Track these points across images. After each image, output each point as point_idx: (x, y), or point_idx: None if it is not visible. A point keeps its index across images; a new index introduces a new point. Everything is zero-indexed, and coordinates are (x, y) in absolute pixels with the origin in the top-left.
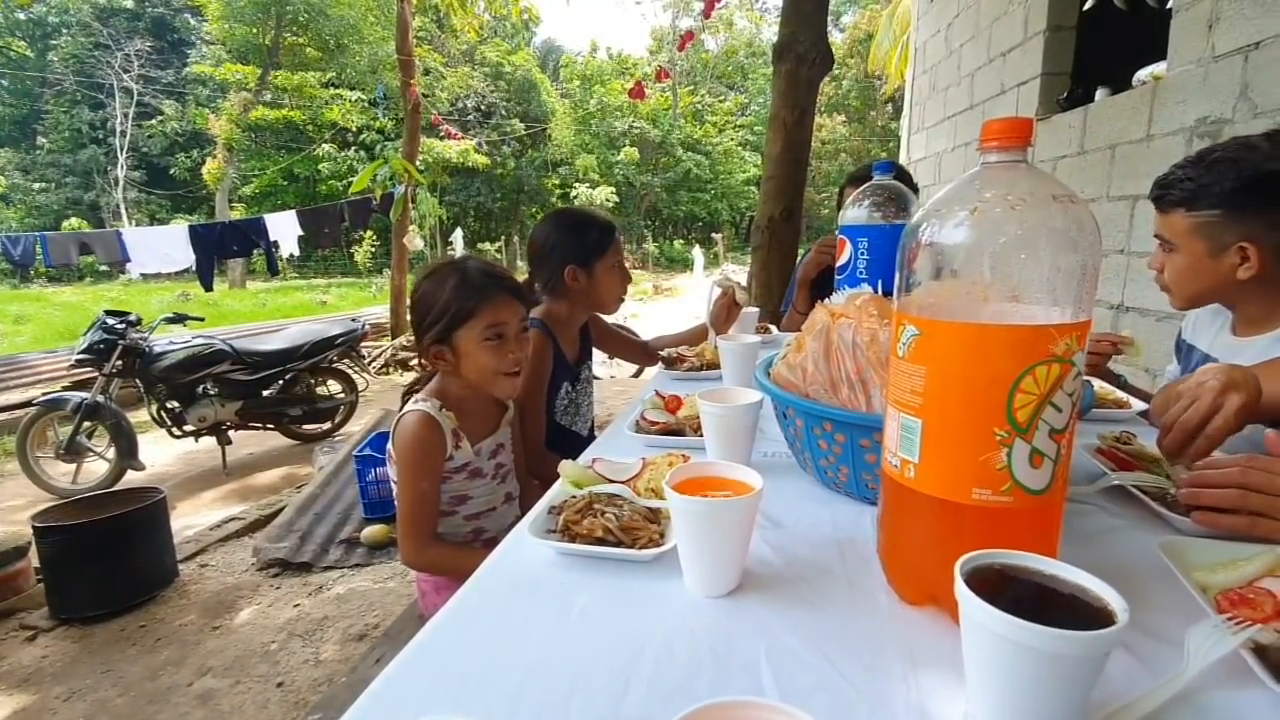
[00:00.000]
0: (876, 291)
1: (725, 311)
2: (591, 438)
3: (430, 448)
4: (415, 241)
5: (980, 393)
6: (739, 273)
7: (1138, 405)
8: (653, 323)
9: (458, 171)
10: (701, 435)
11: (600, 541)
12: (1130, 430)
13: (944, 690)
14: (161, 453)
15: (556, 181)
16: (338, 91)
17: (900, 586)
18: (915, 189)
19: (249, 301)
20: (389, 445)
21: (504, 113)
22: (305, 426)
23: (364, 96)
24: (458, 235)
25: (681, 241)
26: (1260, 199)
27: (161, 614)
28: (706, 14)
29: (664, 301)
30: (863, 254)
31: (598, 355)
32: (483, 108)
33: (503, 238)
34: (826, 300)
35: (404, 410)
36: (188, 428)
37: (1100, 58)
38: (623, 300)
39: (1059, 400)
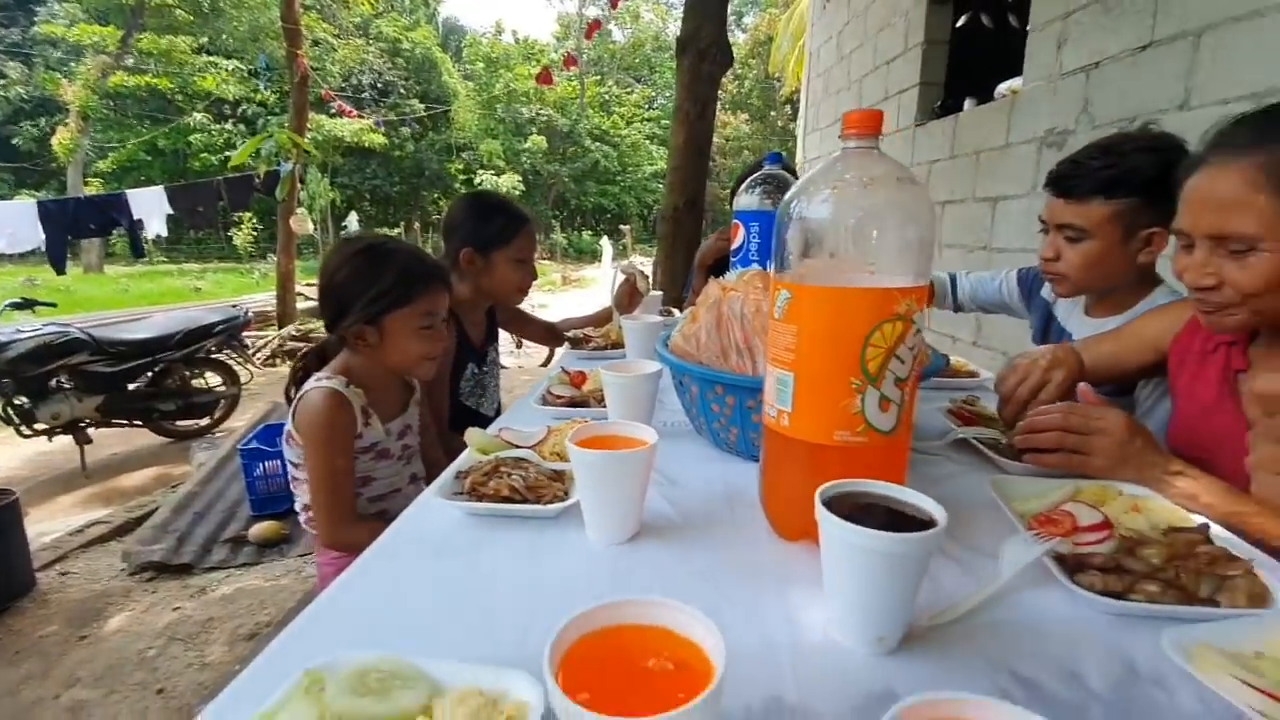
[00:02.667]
0: (766, 270)
1: (628, 295)
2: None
3: (340, 424)
4: (305, 225)
5: (839, 347)
6: (646, 264)
7: (985, 375)
8: (561, 314)
9: (351, 151)
10: (605, 406)
11: (507, 500)
12: (976, 395)
13: (810, 603)
14: (9, 454)
15: (460, 166)
16: (212, 59)
17: (778, 525)
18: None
19: (108, 287)
20: (289, 425)
21: (402, 91)
22: (179, 423)
23: (243, 66)
24: (352, 219)
25: (590, 233)
26: (1173, 188)
27: (19, 625)
28: (613, 3)
29: (573, 292)
30: (754, 237)
31: (505, 347)
32: (379, 85)
33: (402, 223)
34: (720, 278)
35: (307, 388)
36: (39, 426)
37: (970, 70)
38: (523, 294)
39: (902, 353)
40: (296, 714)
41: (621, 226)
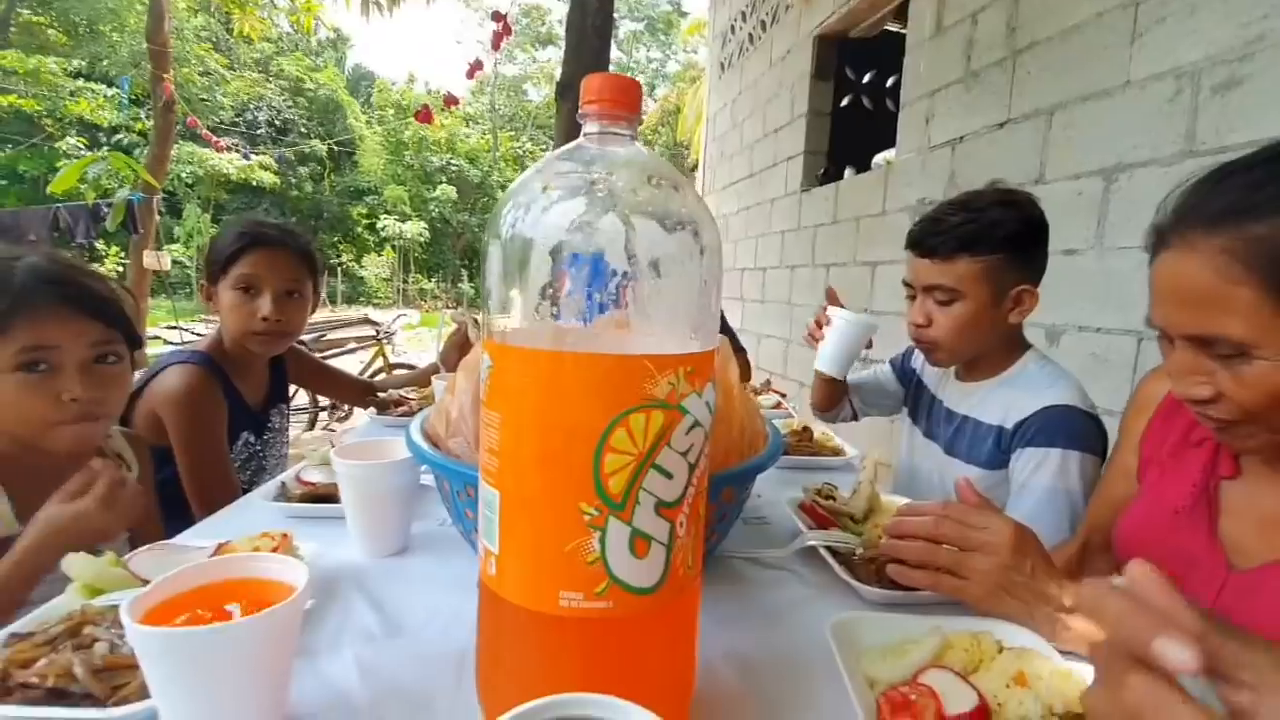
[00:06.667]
0: None
1: (458, 350)
2: None
3: None
4: (162, 260)
5: (560, 450)
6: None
7: (853, 453)
8: None
9: (241, 189)
10: None
11: (55, 694)
12: (834, 484)
13: None
14: None
15: (363, 210)
16: (88, 84)
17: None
18: None
19: None
20: None
21: (303, 130)
22: None
23: (123, 93)
24: None
25: None
26: (1034, 243)
27: None
28: (494, 45)
29: None
30: None
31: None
32: (276, 122)
33: None
34: None
35: None
36: None
37: (851, 142)
38: (258, 337)
39: (667, 461)
40: None
41: None
